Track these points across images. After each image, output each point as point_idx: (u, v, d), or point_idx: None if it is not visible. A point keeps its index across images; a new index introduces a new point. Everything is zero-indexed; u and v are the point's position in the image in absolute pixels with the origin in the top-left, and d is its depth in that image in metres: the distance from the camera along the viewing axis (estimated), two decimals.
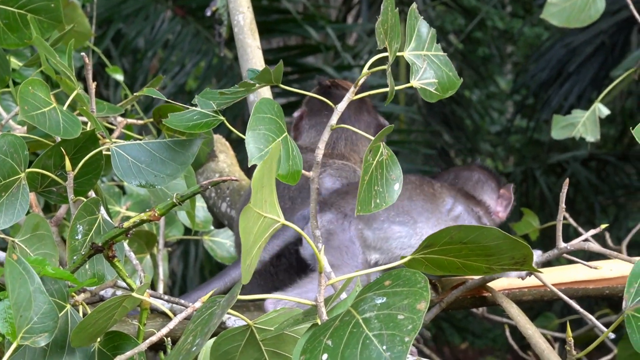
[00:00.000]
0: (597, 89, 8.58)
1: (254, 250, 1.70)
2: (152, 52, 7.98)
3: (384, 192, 2.26)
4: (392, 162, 2.30)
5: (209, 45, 7.67)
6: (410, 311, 1.58)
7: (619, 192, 9.87)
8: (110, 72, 4.51)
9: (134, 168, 2.28)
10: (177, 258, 8.07)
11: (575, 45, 8.92)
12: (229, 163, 3.29)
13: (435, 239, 1.86)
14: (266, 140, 2.11)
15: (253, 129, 2.11)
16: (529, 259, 1.85)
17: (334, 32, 7.92)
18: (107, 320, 1.99)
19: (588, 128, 3.61)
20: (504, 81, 13.72)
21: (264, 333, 1.96)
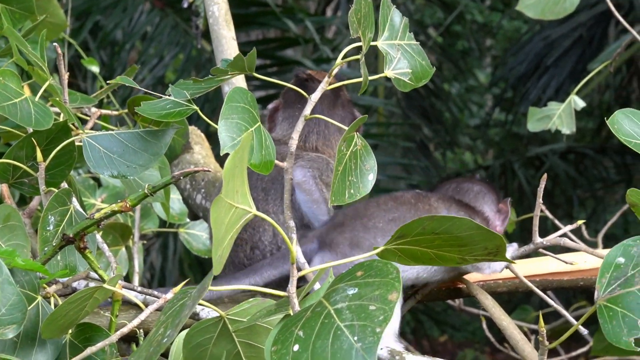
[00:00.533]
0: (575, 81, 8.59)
1: (226, 241, 1.69)
2: (130, 45, 7.95)
3: (358, 182, 2.25)
4: (366, 152, 2.29)
5: (188, 37, 7.64)
6: (382, 302, 1.58)
7: (597, 185, 9.91)
8: (85, 63, 4.48)
9: (106, 158, 2.26)
10: (156, 251, 8.05)
11: (553, 39, 8.94)
12: (204, 155, 3.27)
13: (407, 230, 1.85)
14: (239, 129, 2.10)
15: (226, 117, 2.09)
16: (501, 249, 1.84)
17: (313, 25, 7.91)
18: (79, 312, 1.98)
19: (564, 120, 3.61)
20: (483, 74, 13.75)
21: (237, 324, 1.95)
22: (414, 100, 9.71)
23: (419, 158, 9.37)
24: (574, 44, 8.80)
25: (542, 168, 9.69)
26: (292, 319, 1.65)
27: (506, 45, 12.72)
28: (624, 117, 2.23)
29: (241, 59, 2.24)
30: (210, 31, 3.39)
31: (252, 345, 1.97)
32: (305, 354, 1.57)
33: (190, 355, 1.94)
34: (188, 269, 7.96)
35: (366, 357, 1.52)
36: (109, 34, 7.71)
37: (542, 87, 8.86)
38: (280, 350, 1.60)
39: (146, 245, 7.91)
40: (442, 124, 10.19)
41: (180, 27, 7.68)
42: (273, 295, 1.90)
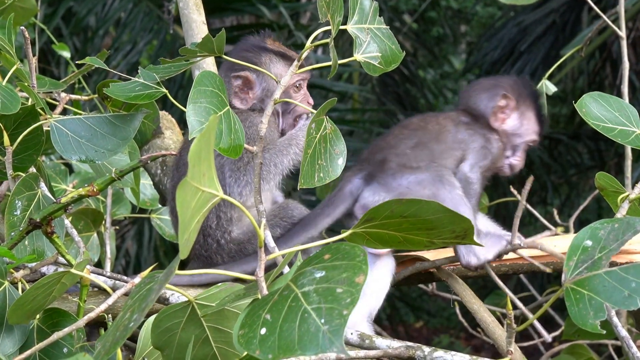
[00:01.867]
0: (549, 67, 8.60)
1: (192, 225, 1.67)
2: (103, 30, 7.90)
3: (328, 166, 2.25)
4: (336, 136, 2.30)
5: (161, 23, 7.59)
6: (349, 284, 1.57)
7: (571, 170, 9.94)
8: (57, 49, 4.45)
9: (74, 143, 2.24)
10: (131, 238, 8.01)
11: (526, 24, 8.95)
12: (175, 140, 3.25)
13: (375, 213, 1.84)
14: (207, 113, 2.08)
15: (194, 101, 2.08)
16: (469, 232, 1.84)
17: (287, 11, 7.88)
18: (46, 297, 1.96)
19: None
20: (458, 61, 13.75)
21: (206, 309, 1.94)
22: (389, 87, 9.70)
23: None
24: (547, 29, 8.81)
25: None
26: (259, 302, 1.64)
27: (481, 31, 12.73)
28: (592, 100, 2.23)
29: (210, 40, 2.22)
30: (180, 15, 3.37)
31: (221, 330, 1.96)
32: (272, 337, 1.57)
33: (159, 339, 1.93)
34: (164, 256, 7.93)
35: (333, 340, 1.52)
36: (82, 19, 7.66)
37: (516, 72, 8.86)
38: (247, 334, 1.60)
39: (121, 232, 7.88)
40: (418, 110, 10.19)
41: (154, 13, 7.63)
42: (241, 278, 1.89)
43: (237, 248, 2.87)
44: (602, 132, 2.21)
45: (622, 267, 1.67)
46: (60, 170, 3.49)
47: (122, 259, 8.03)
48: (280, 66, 2.93)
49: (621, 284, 1.66)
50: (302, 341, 1.54)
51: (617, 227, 1.74)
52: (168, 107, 7.50)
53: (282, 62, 2.95)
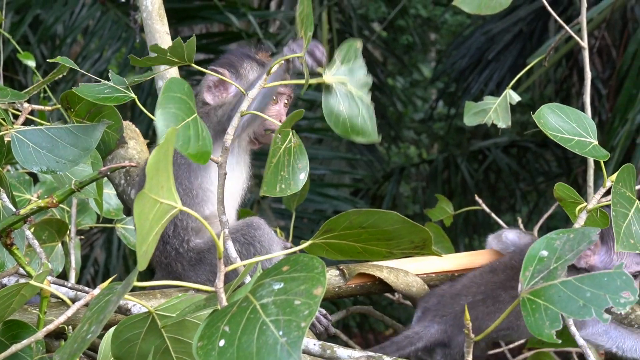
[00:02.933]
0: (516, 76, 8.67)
1: (150, 236, 1.68)
2: (71, 39, 7.88)
3: (290, 179, 2.27)
4: (300, 151, 2.32)
5: (130, 32, 7.58)
6: (307, 296, 1.58)
7: (540, 178, 10.01)
8: (22, 58, 4.42)
9: (35, 154, 2.23)
10: (100, 247, 7.98)
11: (494, 33, 9.00)
12: (138, 150, 3.25)
13: (334, 224, 1.85)
14: (176, 119, 2.08)
15: (163, 107, 2.07)
16: (428, 243, 1.86)
17: (256, 19, 7.89)
18: (5, 308, 1.96)
19: (500, 114, 3.63)
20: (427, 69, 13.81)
21: (166, 319, 1.94)
22: None
23: (363, 152, 9.38)
24: (515, 38, 8.87)
25: (485, 162, 9.76)
26: (218, 314, 1.64)
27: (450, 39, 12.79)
28: (550, 112, 2.26)
29: (180, 46, 2.23)
30: (144, 25, 3.37)
31: (181, 341, 1.96)
32: (230, 349, 1.57)
33: (119, 350, 1.93)
34: (132, 265, 7.90)
35: (291, 352, 1.53)
36: (49, 28, 7.63)
37: (484, 81, 8.92)
38: (206, 346, 1.60)
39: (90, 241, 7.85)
40: (387, 118, 10.22)
41: (121, 21, 7.62)
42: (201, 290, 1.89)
43: (197, 257, 2.87)
44: (560, 143, 2.23)
45: (578, 277, 1.69)
46: (24, 180, 3.47)
47: (90, 267, 7.99)
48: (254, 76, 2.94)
49: (576, 294, 1.67)
50: (260, 353, 1.55)
51: (573, 237, 1.76)
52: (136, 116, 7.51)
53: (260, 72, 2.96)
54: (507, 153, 9.78)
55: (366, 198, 9.65)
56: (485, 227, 9.77)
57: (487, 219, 9.90)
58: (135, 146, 3.27)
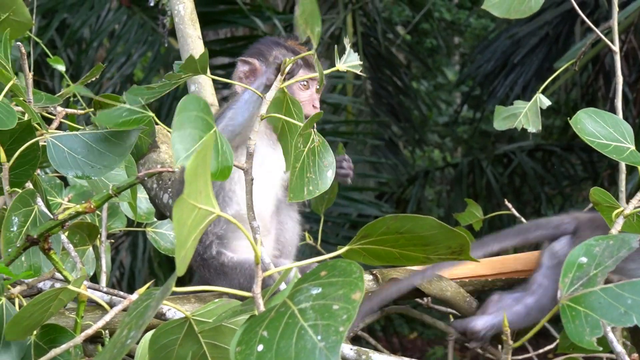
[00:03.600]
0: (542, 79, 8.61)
1: (189, 242, 1.68)
2: (97, 43, 7.91)
3: (317, 179, 2.26)
4: (324, 149, 2.30)
5: (156, 35, 7.61)
6: (345, 301, 1.58)
7: (565, 182, 9.97)
8: (51, 62, 4.44)
9: (70, 159, 2.24)
10: (126, 250, 8.01)
11: (520, 37, 8.97)
12: (170, 154, 3.25)
13: (372, 230, 1.85)
14: (193, 139, 2.04)
15: (178, 129, 2.03)
16: (465, 248, 1.85)
17: (281, 22, 7.89)
18: (43, 313, 1.96)
19: (530, 119, 3.61)
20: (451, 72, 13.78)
21: (203, 325, 1.94)
22: (383, 98, 9.72)
23: (387, 156, 9.38)
24: (541, 42, 8.84)
25: (510, 165, 9.73)
26: (256, 319, 1.64)
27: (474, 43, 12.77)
28: (586, 117, 2.24)
29: (193, 61, 2.22)
30: (176, 30, 3.38)
31: (218, 346, 1.96)
32: (269, 353, 1.57)
33: (156, 356, 1.93)
34: (158, 268, 7.92)
35: (329, 356, 1.53)
36: (76, 32, 7.67)
37: (510, 85, 8.89)
38: (244, 351, 1.60)
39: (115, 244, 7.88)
40: (411, 121, 10.21)
41: (147, 25, 7.65)
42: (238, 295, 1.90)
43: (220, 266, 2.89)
44: (597, 149, 2.22)
45: (618, 284, 1.68)
46: (55, 184, 3.48)
47: (116, 270, 8.02)
48: None
49: (617, 301, 1.66)
50: (299, 358, 1.55)
51: (612, 243, 1.75)
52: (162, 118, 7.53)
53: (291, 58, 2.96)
54: (532, 157, 9.74)
55: (391, 201, 9.64)
56: None
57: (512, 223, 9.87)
58: (168, 150, 3.27)
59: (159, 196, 3.21)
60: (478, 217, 4.10)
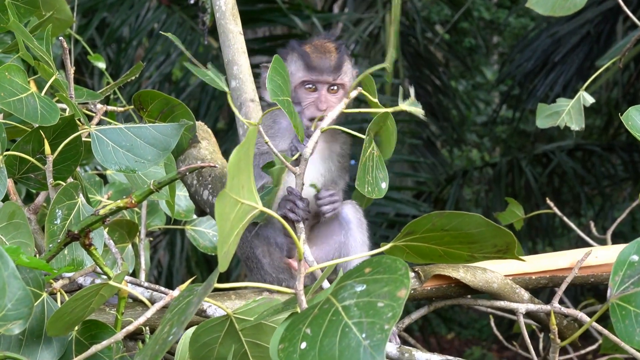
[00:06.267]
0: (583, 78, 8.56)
1: (231, 237, 1.66)
2: (136, 41, 7.93)
3: (375, 185, 2.30)
4: (380, 163, 2.34)
5: (195, 34, 7.61)
6: (391, 298, 1.55)
7: (605, 182, 9.87)
8: (92, 60, 4.46)
9: (115, 153, 2.23)
10: (163, 249, 8.03)
11: (560, 35, 8.90)
12: (210, 150, 3.23)
13: (416, 226, 1.82)
14: (281, 92, 2.14)
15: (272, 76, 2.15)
16: (511, 246, 1.82)
17: (320, 21, 7.88)
18: (84, 308, 1.95)
19: (573, 117, 3.57)
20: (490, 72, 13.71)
21: (244, 323, 1.92)
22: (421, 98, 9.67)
23: (425, 155, 9.34)
24: (582, 40, 8.76)
25: (549, 165, 9.66)
26: (299, 316, 1.62)
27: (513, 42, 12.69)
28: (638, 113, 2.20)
29: None
30: (217, 26, 3.36)
31: (259, 345, 1.94)
32: (312, 351, 1.55)
33: (197, 354, 1.92)
34: (195, 267, 7.94)
35: (374, 355, 1.50)
36: (115, 30, 7.70)
37: (550, 84, 8.82)
38: (287, 348, 1.58)
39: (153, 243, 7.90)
40: (449, 121, 10.17)
41: (187, 24, 7.65)
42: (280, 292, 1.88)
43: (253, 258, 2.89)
44: None
45: None
46: (95, 182, 3.49)
47: (154, 269, 8.05)
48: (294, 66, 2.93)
49: None
50: (343, 356, 1.52)
51: None
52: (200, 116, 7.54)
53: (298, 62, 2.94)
54: (571, 156, 9.66)
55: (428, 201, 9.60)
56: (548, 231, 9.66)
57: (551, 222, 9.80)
58: (208, 146, 3.25)
59: (199, 192, 3.19)
60: (519, 216, 4.06)
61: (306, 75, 2.89)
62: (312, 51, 2.94)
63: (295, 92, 2.88)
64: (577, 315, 2.55)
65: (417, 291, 2.72)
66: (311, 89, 2.92)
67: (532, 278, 2.78)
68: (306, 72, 2.90)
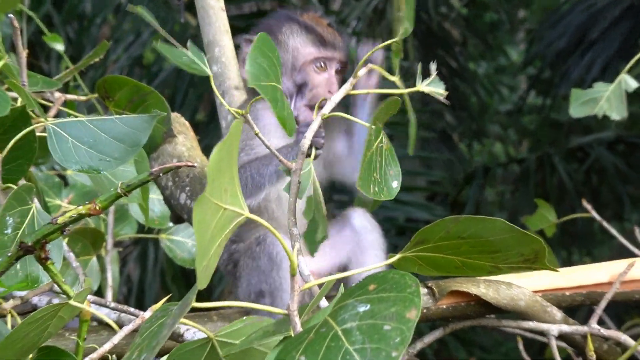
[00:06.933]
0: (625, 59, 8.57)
1: (212, 249, 1.66)
2: (101, 18, 7.93)
3: (383, 184, 2.29)
4: (392, 157, 2.33)
5: (169, 10, 7.62)
6: (399, 321, 1.55)
7: None
8: (48, 41, 4.45)
9: (75, 150, 2.22)
10: (134, 261, 8.04)
11: (598, 8, 8.91)
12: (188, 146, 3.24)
13: (429, 234, 1.83)
14: (266, 76, 2.12)
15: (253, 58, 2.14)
16: (541, 254, 1.82)
17: None
18: (40, 333, 1.96)
19: (613, 104, 3.58)
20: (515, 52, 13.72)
21: (228, 348, 1.93)
22: None
23: (440, 150, 9.35)
24: (623, 14, 8.76)
25: (586, 161, 9.67)
26: (292, 341, 1.62)
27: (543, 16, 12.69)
28: None
29: None
30: (195, 1, 3.37)
31: None
32: None
33: None
34: (171, 282, 7.95)
35: None
36: (76, 5, 7.70)
37: (586, 65, 8.83)
38: None
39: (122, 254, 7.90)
40: (468, 110, 10.18)
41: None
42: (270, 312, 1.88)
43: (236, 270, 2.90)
44: None
45: None
46: (53, 183, 3.50)
47: (123, 285, 8.05)
48: (300, 40, 2.94)
49: None
50: None
51: None
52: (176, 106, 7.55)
53: (304, 36, 2.95)
54: (612, 150, 9.67)
55: (444, 204, 9.61)
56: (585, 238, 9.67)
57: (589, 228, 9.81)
58: (185, 142, 3.26)
59: (175, 196, 3.21)
60: (551, 221, 4.07)
61: (318, 52, 2.90)
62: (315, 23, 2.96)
63: (302, 71, 2.89)
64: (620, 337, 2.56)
65: (430, 310, 2.73)
66: (322, 68, 2.93)
67: (566, 294, 2.79)
68: (317, 47, 2.91)
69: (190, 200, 3.17)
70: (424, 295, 2.73)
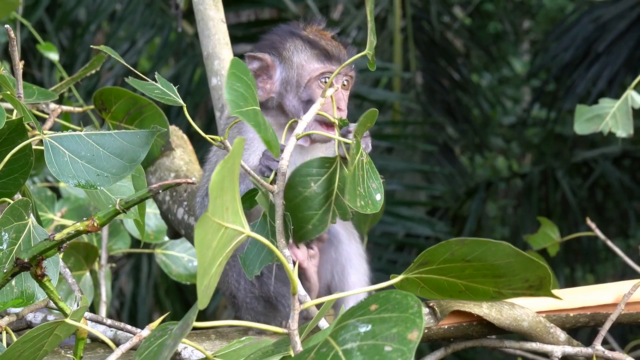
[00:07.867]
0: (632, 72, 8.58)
1: (213, 268, 1.68)
2: (95, 26, 7.94)
3: (367, 197, 2.28)
4: (372, 170, 2.32)
5: (166, 18, 7.63)
6: (400, 341, 1.57)
7: None
8: (42, 50, 4.47)
9: (73, 164, 2.22)
10: (127, 275, 8.04)
11: (605, 20, 8.92)
12: (186, 160, 3.25)
13: (432, 255, 1.84)
14: (245, 101, 2.12)
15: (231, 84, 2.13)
16: (545, 281, 1.84)
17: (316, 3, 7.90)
18: (36, 351, 1.97)
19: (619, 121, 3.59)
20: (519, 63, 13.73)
21: None
22: (436, 94, 9.70)
23: (442, 164, 9.35)
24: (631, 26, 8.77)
25: (590, 176, 9.67)
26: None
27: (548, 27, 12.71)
28: None
29: None
30: (194, 12, 3.38)
31: None
32: None
33: None
34: (165, 296, 7.94)
35: None
36: (69, 12, 7.70)
37: (592, 78, 8.84)
38: None
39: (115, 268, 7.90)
40: (470, 122, 10.18)
41: (155, 5, 7.67)
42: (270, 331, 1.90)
43: None
44: None
45: None
46: (46, 197, 3.51)
47: (115, 299, 8.05)
48: (304, 56, 2.95)
49: None
50: None
51: None
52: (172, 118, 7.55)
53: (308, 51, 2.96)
54: (618, 165, 9.68)
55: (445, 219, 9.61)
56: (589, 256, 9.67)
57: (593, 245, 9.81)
58: (183, 155, 3.28)
59: (172, 211, 3.21)
60: (554, 240, 4.08)
61: (324, 66, 2.91)
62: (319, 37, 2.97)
63: (308, 88, 2.90)
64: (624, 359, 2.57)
65: (432, 330, 2.74)
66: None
67: (570, 315, 2.79)
68: (323, 62, 2.92)
69: (188, 215, 3.18)
70: (425, 315, 2.74)
